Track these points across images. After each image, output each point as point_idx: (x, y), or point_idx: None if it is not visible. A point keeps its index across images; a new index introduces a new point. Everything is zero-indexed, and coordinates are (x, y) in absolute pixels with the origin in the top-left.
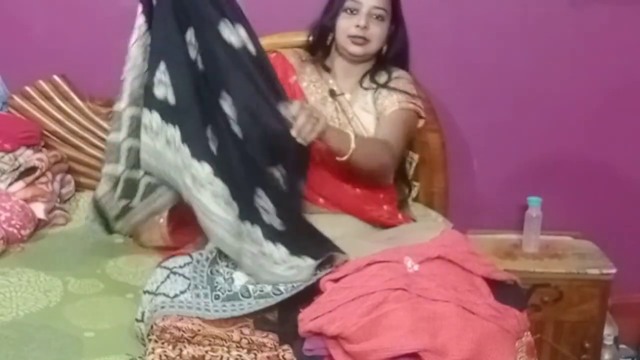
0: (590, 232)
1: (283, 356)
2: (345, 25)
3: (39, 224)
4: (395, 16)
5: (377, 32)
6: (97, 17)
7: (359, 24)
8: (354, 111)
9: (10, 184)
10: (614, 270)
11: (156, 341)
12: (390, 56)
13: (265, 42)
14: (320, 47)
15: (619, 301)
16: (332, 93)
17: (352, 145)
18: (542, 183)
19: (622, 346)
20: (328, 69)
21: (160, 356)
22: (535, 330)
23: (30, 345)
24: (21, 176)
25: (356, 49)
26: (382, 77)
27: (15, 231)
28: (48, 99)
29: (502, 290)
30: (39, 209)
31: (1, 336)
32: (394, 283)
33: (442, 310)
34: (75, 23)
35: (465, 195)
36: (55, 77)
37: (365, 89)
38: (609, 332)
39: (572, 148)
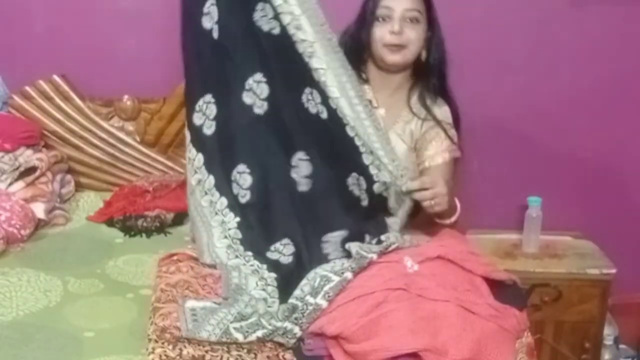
0: (590, 232)
1: (283, 356)
2: (380, 34)
3: (39, 224)
4: (430, 20)
5: (413, 36)
6: (97, 17)
7: (393, 30)
8: (387, 133)
9: (10, 184)
10: (614, 270)
11: (156, 341)
12: (432, 64)
13: None
14: (355, 58)
15: (619, 301)
16: (370, 104)
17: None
18: (542, 183)
19: (622, 346)
20: (364, 81)
21: (160, 356)
22: (535, 330)
23: (30, 345)
24: (21, 176)
25: (394, 58)
26: (429, 99)
27: (15, 231)
28: (48, 99)
29: (501, 290)
30: (39, 209)
31: (1, 336)
32: (394, 283)
33: (442, 310)
34: (75, 23)
35: (465, 195)
36: (55, 77)
37: (414, 114)
38: (609, 332)
39: (572, 148)
